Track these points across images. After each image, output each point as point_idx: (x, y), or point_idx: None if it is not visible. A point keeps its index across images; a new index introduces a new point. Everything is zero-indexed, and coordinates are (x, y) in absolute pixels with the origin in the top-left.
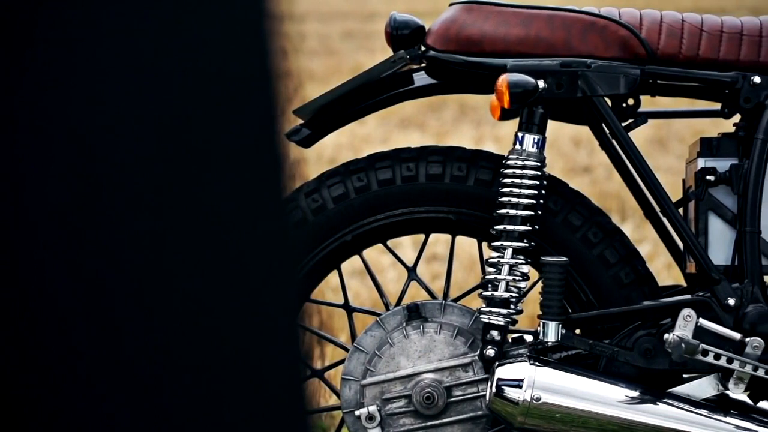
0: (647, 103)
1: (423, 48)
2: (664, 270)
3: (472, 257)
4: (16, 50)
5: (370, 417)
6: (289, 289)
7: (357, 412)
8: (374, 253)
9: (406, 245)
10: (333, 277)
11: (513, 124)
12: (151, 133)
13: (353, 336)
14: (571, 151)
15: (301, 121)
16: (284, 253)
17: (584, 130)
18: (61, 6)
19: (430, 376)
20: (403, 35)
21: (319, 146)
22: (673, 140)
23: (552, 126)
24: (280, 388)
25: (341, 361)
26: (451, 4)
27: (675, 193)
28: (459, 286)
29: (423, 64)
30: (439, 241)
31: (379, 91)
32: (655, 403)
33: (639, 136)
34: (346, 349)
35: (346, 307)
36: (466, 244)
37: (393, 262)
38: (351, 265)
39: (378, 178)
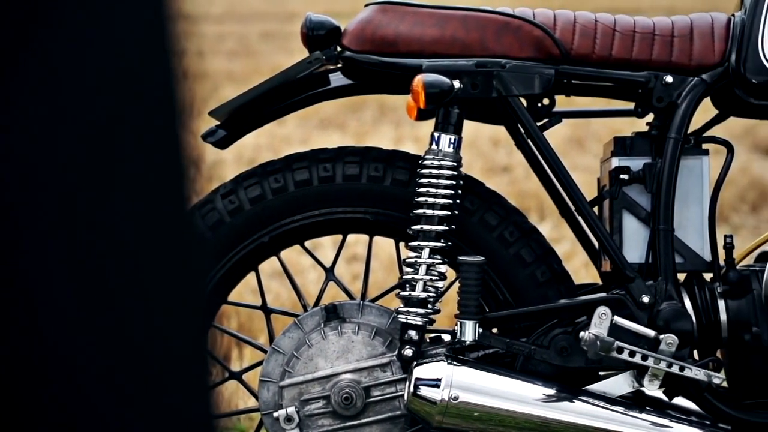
0: (563, 102)
1: (339, 48)
2: (582, 268)
3: (392, 257)
4: None
5: (289, 418)
6: (197, 296)
7: (275, 414)
8: (294, 254)
9: (327, 246)
10: (253, 279)
11: (432, 125)
12: (53, 137)
13: (271, 337)
14: (490, 151)
15: (217, 123)
16: (189, 259)
17: (503, 130)
18: None
19: (349, 376)
20: (319, 36)
21: (239, 147)
22: (591, 139)
23: (471, 126)
24: (187, 394)
25: (259, 363)
26: (367, 5)
27: (592, 192)
28: (379, 286)
29: (339, 65)
30: (360, 241)
31: (295, 91)
32: (571, 401)
33: (557, 135)
34: (265, 351)
35: (264, 308)
36: (387, 245)
37: (313, 263)
38: (271, 266)
39: (295, 179)
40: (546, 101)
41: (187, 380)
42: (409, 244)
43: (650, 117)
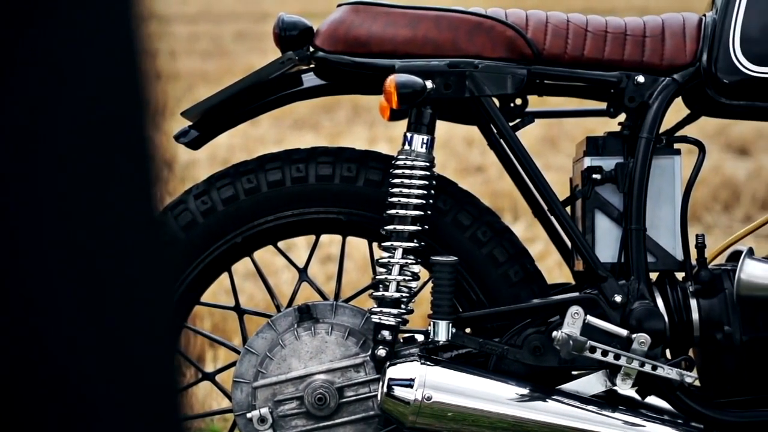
0: (536, 102)
1: (311, 49)
2: (556, 268)
3: (366, 258)
4: None
5: (262, 419)
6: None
7: (249, 415)
8: (267, 255)
9: (301, 246)
10: (227, 279)
11: (405, 125)
12: (21, 138)
13: (245, 338)
14: (464, 151)
15: (190, 123)
16: (159, 260)
17: (476, 130)
18: None
19: (322, 377)
20: (292, 36)
21: (212, 147)
22: (565, 139)
23: (444, 126)
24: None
25: (233, 364)
26: (339, 5)
27: (565, 192)
28: (353, 287)
29: (312, 65)
30: (334, 241)
31: (268, 92)
32: (544, 400)
33: (530, 135)
34: (238, 352)
35: (237, 309)
36: (361, 245)
37: (287, 264)
38: (245, 266)
39: (268, 180)
40: (518, 101)
41: (157, 383)
42: (382, 244)
43: (622, 117)
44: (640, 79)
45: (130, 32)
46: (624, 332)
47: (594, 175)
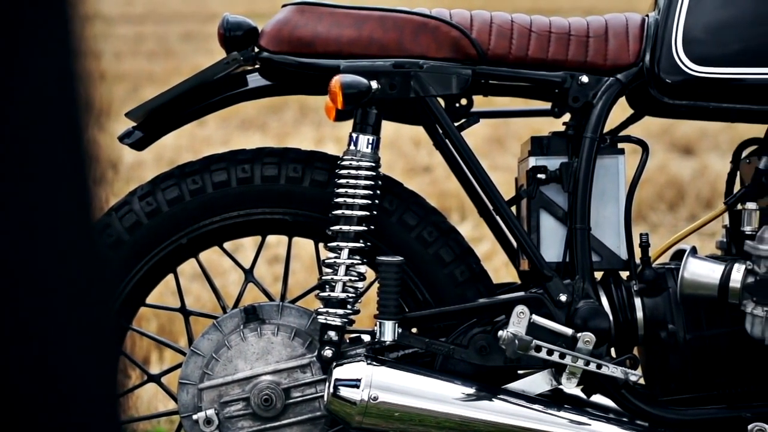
0: (482, 102)
1: (256, 49)
2: (503, 267)
3: (314, 258)
4: None
5: (208, 421)
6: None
7: (195, 417)
8: (215, 256)
9: (248, 247)
10: (174, 280)
11: (351, 125)
12: None
13: (190, 340)
14: (411, 151)
15: (134, 124)
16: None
17: (423, 130)
18: None
19: (268, 378)
20: (236, 36)
21: (159, 148)
22: (512, 139)
23: (392, 126)
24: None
25: (179, 365)
26: (284, 5)
27: (511, 192)
28: (301, 287)
29: (257, 66)
30: (281, 242)
31: (212, 92)
32: (490, 400)
33: (478, 135)
34: (184, 353)
35: (183, 310)
36: (309, 245)
37: (234, 265)
38: (192, 268)
39: (213, 180)
40: (464, 101)
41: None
42: (328, 245)
43: (567, 117)
44: (584, 79)
45: (68, 32)
46: (569, 331)
47: (539, 175)
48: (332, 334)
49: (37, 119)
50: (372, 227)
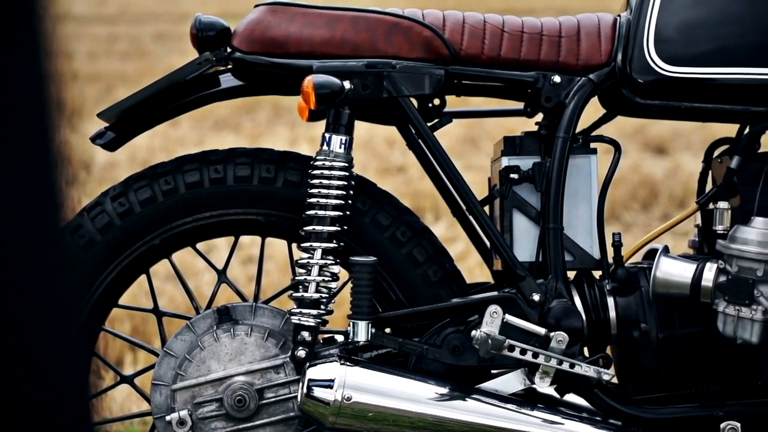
0: (456, 102)
1: (229, 50)
2: (477, 267)
3: (287, 258)
4: None
5: (182, 422)
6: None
7: (168, 418)
8: (189, 257)
9: (222, 248)
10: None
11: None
12: None
13: (164, 341)
14: (385, 152)
15: (107, 125)
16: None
17: (397, 131)
18: None
19: (242, 378)
20: (209, 37)
21: (132, 149)
22: (486, 139)
23: (366, 126)
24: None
25: (152, 367)
26: (256, 6)
27: (485, 192)
28: (275, 287)
29: (229, 66)
30: (256, 242)
31: (185, 93)
32: (464, 399)
33: (452, 135)
34: (157, 354)
35: (156, 311)
36: (283, 246)
37: (207, 265)
38: (166, 268)
39: (185, 181)
40: (437, 101)
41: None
42: (302, 245)
43: (540, 116)
44: (557, 79)
45: (39, 32)
46: (542, 331)
47: (511, 175)
48: (306, 334)
49: (7, 120)
50: (345, 227)
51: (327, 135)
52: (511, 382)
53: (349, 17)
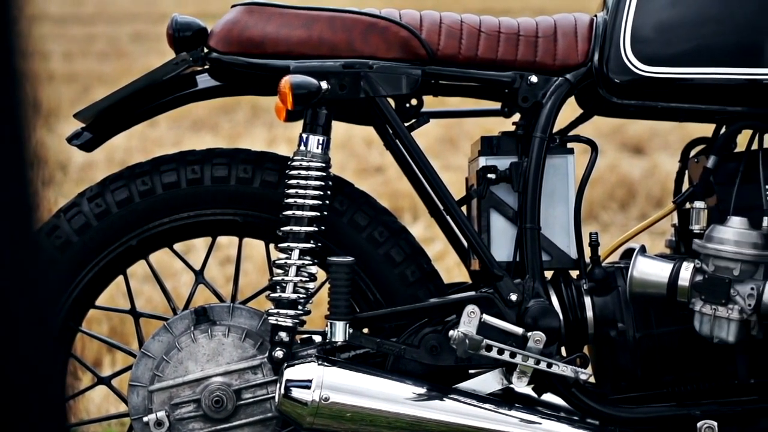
0: (433, 102)
1: (205, 50)
2: (456, 267)
3: (265, 259)
4: None
5: (159, 423)
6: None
7: (145, 419)
8: (166, 257)
9: (200, 248)
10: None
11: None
12: None
13: (141, 342)
14: (364, 152)
15: (83, 125)
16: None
17: (375, 131)
18: None
19: (219, 379)
20: (185, 37)
21: (109, 149)
22: (464, 139)
23: (344, 127)
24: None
25: (130, 368)
26: (233, 6)
27: (463, 192)
28: (253, 288)
29: (206, 66)
30: (233, 243)
31: (162, 93)
32: (441, 399)
33: (430, 135)
34: (135, 356)
35: (133, 312)
36: (261, 246)
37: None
38: (144, 269)
39: (163, 182)
40: (414, 102)
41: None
42: (279, 245)
43: (517, 116)
44: (533, 79)
45: (13, 33)
46: (519, 330)
47: (489, 175)
48: (283, 334)
49: None
50: (323, 228)
51: (304, 135)
52: (488, 381)
53: (326, 17)
